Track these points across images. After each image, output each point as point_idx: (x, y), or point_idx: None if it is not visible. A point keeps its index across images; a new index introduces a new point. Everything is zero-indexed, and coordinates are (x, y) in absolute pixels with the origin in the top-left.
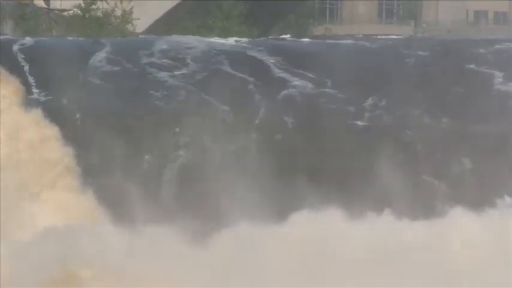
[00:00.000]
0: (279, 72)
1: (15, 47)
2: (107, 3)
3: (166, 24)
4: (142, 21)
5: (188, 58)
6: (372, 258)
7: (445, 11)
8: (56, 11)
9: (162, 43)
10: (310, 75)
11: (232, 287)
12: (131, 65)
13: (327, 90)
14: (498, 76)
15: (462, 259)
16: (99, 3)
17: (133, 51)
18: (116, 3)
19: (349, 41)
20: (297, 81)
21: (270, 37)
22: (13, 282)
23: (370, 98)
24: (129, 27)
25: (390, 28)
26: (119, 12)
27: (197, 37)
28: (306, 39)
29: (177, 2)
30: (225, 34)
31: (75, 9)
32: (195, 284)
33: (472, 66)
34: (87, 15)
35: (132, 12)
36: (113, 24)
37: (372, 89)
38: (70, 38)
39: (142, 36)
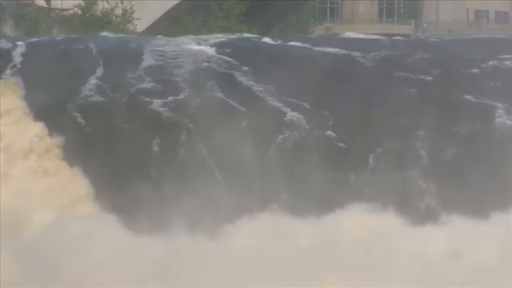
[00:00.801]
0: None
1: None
2: (108, 2)
3: (167, 23)
4: (143, 20)
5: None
6: None
7: (445, 11)
8: (56, 11)
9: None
10: None
11: None
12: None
13: None
14: None
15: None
16: (99, 3)
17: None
18: (116, 3)
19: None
20: None
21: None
22: None
23: None
24: (130, 26)
25: (391, 27)
26: (119, 12)
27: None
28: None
29: (178, 1)
30: (224, 33)
31: (75, 9)
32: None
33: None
34: (87, 15)
35: (133, 12)
36: (114, 24)
37: None
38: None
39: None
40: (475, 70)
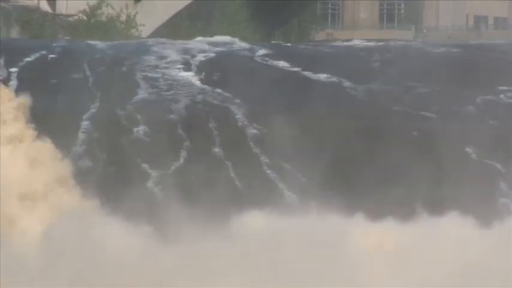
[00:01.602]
0: None
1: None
2: (113, 8)
3: (171, 29)
4: (147, 26)
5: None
6: None
7: (445, 16)
8: (61, 16)
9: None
10: None
11: None
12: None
13: None
14: None
15: None
16: (104, 9)
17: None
18: (121, 9)
19: None
20: None
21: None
22: None
23: None
24: (134, 32)
25: (391, 33)
26: (124, 17)
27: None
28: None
29: (182, 7)
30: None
31: (80, 14)
32: None
33: None
34: (92, 20)
35: (135, 17)
36: (118, 29)
37: None
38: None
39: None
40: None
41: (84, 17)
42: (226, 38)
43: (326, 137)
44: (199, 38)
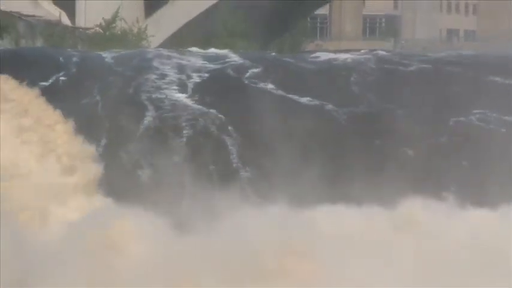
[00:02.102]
0: None
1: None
2: (125, 22)
3: (177, 40)
4: (156, 38)
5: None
6: None
7: (421, 29)
8: (80, 29)
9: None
10: None
11: None
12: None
13: None
14: None
15: None
16: (118, 22)
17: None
18: (133, 22)
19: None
20: None
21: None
22: None
23: None
24: (145, 43)
25: (373, 44)
26: (135, 30)
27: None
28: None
29: (187, 20)
30: (228, 48)
31: (97, 28)
32: None
33: None
34: (107, 33)
35: (146, 30)
36: (130, 41)
37: None
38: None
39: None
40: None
41: (100, 30)
42: (220, 51)
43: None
44: (193, 49)
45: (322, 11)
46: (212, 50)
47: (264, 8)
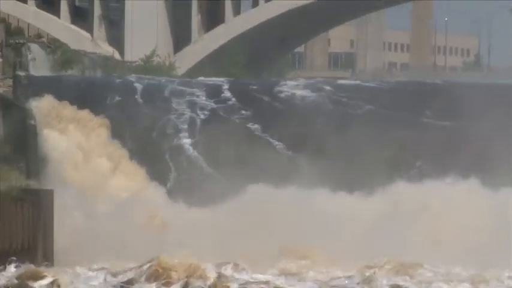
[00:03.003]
0: None
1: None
2: (159, 56)
3: (196, 70)
4: (182, 68)
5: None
6: None
7: (370, 63)
8: (127, 63)
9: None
10: None
11: None
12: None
13: None
14: None
15: None
16: (154, 57)
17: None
18: (165, 57)
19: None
20: None
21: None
22: None
23: None
24: (174, 72)
25: (336, 73)
26: (167, 63)
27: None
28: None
29: (204, 56)
30: (231, 76)
31: (139, 61)
32: None
33: None
34: (146, 65)
35: (175, 63)
36: (163, 71)
37: None
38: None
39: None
40: None
41: (142, 63)
42: (218, 79)
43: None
44: (200, 78)
45: (300, 49)
46: (213, 79)
47: (260, 48)
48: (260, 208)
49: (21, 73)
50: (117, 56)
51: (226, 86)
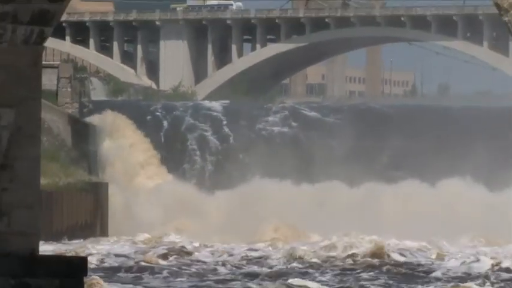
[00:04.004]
0: None
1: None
2: (184, 86)
3: (211, 96)
4: (201, 94)
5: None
6: None
7: (336, 91)
8: (161, 91)
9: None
10: None
11: None
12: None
13: None
14: None
15: None
16: (181, 87)
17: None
18: (190, 86)
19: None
20: None
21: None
22: None
23: None
24: (194, 98)
25: (311, 99)
26: (190, 91)
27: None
28: None
29: (218, 86)
30: (237, 98)
31: (169, 90)
32: None
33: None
34: (175, 93)
35: (195, 91)
36: (187, 96)
37: None
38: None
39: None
40: None
41: (171, 91)
42: (218, 102)
43: None
44: (206, 101)
45: (286, 81)
46: (216, 101)
47: (257, 80)
48: None
49: (85, 99)
50: (153, 86)
51: (220, 107)
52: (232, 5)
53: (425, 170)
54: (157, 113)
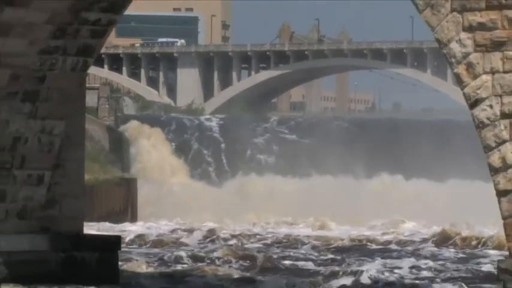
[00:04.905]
0: None
1: None
2: (195, 103)
3: (216, 110)
4: (208, 109)
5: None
6: None
7: (314, 108)
8: (178, 107)
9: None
10: None
11: None
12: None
13: None
14: None
15: None
16: (193, 104)
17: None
18: (200, 103)
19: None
20: None
21: None
22: None
23: None
24: (204, 112)
25: (294, 114)
26: (200, 108)
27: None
28: None
29: (223, 102)
30: (238, 112)
31: (184, 106)
32: None
33: None
34: (188, 108)
35: (204, 107)
36: (197, 111)
37: None
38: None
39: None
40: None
41: (185, 107)
42: (220, 116)
43: None
44: (209, 116)
45: (274, 100)
46: (218, 115)
47: (253, 99)
48: None
49: (119, 113)
50: (172, 103)
51: (217, 121)
52: (177, 42)
53: (374, 167)
54: (174, 125)
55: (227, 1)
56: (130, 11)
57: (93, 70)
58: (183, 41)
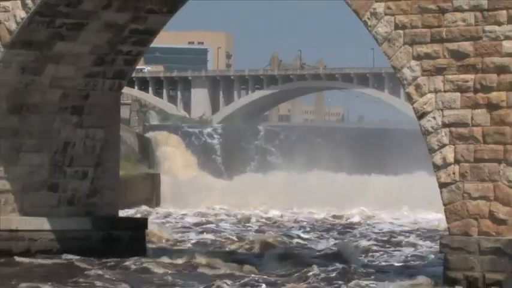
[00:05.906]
0: None
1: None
2: (205, 115)
3: (222, 121)
4: (215, 120)
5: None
6: None
7: (297, 118)
8: (191, 118)
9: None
10: None
11: None
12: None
13: None
14: None
15: None
16: (203, 116)
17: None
18: (207, 116)
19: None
20: None
21: None
22: None
23: None
24: (212, 123)
25: (282, 123)
26: (209, 119)
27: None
28: None
29: (227, 114)
30: (238, 122)
31: (197, 118)
32: None
33: None
34: (200, 119)
35: (212, 119)
36: (207, 122)
37: None
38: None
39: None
40: None
41: (198, 119)
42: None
43: None
44: (215, 124)
45: (266, 113)
46: (220, 124)
47: (250, 112)
48: None
49: (146, 123)
50: (187, 116)
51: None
52: (144, 68)
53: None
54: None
55: (230, 36)
56: (154, 43)
57: (126, 90)
58: (149, 67)
